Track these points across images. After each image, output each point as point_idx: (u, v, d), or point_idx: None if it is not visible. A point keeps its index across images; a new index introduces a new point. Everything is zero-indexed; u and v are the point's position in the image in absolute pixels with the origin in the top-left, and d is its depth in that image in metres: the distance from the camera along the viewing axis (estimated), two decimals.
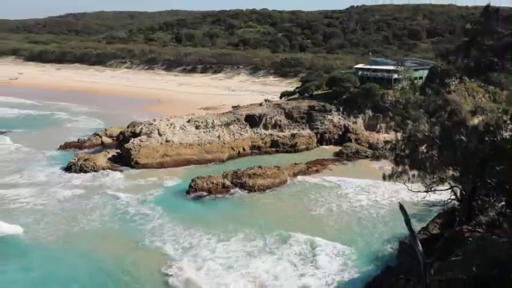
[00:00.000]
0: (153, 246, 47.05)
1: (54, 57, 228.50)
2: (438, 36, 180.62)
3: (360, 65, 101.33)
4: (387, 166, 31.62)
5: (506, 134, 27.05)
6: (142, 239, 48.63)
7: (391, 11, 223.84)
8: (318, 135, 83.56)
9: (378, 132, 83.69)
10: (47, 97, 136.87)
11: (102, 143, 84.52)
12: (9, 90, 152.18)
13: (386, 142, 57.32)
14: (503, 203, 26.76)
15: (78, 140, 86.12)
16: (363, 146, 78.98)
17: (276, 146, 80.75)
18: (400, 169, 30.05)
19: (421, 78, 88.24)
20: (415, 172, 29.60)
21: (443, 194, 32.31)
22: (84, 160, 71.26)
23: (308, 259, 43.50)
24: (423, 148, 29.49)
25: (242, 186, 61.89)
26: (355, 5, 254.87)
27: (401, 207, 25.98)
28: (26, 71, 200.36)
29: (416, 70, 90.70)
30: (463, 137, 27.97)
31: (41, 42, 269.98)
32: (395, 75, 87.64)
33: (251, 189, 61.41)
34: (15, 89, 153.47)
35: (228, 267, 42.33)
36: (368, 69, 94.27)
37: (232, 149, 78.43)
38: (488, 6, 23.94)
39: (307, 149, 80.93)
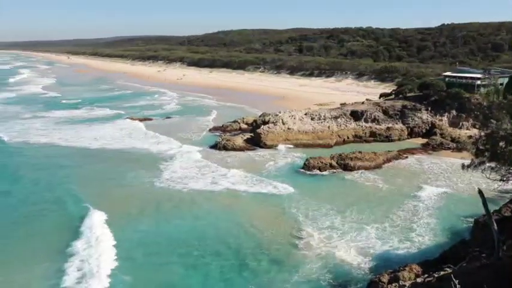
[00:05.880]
0: (288, 211, 46.48)
1: (208, 63, 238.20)
2: None
3: (447, 73, 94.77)
4: (467, 157, 29.27)
5: None
6: (280, 204, 48.45)
7: (477, 28, 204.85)
8: (409, 129, 79.42)
9: (460, 128, 77.99)
10: (203, 92, 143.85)
11: (240, 128, 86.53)
12: (177, 86, 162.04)
13: (469, 137, 53.12)
14: None
15: (222, 125, 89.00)
16: (446, 139, 74.05)
17: (374, 136, 78.05)
18: (479, 160, 27.72)
19: (501, 84, 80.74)
20: (493, 164, 27.17)
21: None
22: (226, 140, 73.72)
23: (406, 233, 40.92)
24: (502, 144, 26.92)
25: (345, 166, 60.47)
26: (445, 23, 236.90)
27: (480, 192, 24.05)
28: (188, 73, 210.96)
29: (498, 78, 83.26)
30: None
31: (199, 52, 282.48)
32: (478, 82, 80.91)
33: (352, 169, 59.86)
34: (181, 86, 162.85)
35: (343, 233, 40.79)
36: (454, 77, 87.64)
37: (339, 136, 76.99)
38: None
39: (399, 139, 77.21)
